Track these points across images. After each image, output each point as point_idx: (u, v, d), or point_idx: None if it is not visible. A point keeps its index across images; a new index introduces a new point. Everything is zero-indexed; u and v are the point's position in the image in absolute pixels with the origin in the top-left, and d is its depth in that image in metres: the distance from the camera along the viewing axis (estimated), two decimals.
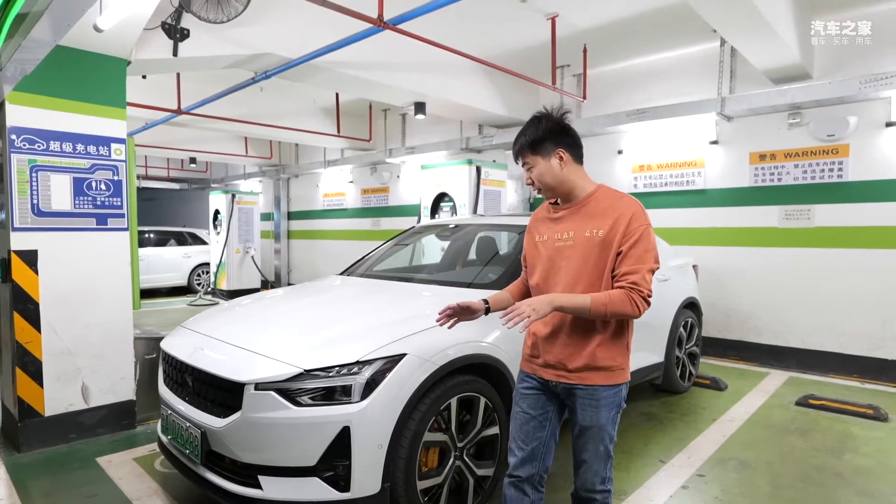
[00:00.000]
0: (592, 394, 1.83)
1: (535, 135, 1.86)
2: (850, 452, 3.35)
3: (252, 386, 2.19)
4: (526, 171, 1.91)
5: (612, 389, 1.84)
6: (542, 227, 1.98)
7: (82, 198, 3.51)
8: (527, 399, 1.96)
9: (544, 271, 1.91)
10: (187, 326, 2.93)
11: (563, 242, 1.87)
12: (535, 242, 1.98)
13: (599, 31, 5.49)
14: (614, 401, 1.85)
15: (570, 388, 1.86)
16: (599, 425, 1.83)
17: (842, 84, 4.75)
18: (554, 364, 1.88)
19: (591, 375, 1.83)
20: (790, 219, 5.40)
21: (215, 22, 3.80)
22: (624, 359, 1.87)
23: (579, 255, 1.81)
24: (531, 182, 1.91)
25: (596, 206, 1.84)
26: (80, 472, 3.12)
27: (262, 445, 2.19)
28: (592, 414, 1.83)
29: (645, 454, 3.33)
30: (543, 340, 1.90)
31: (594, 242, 1.79)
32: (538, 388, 1.95)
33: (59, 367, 3.44)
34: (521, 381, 2.01)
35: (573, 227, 1.86)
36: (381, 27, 3.67)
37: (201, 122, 7.32)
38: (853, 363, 5.11)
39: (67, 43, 3.35)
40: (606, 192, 1.87)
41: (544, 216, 2.00)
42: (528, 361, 1.99)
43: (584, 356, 1.82)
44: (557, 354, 1.86)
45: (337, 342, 2.36)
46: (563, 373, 1.86)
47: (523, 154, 1.90)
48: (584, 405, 1.84)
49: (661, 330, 4.23)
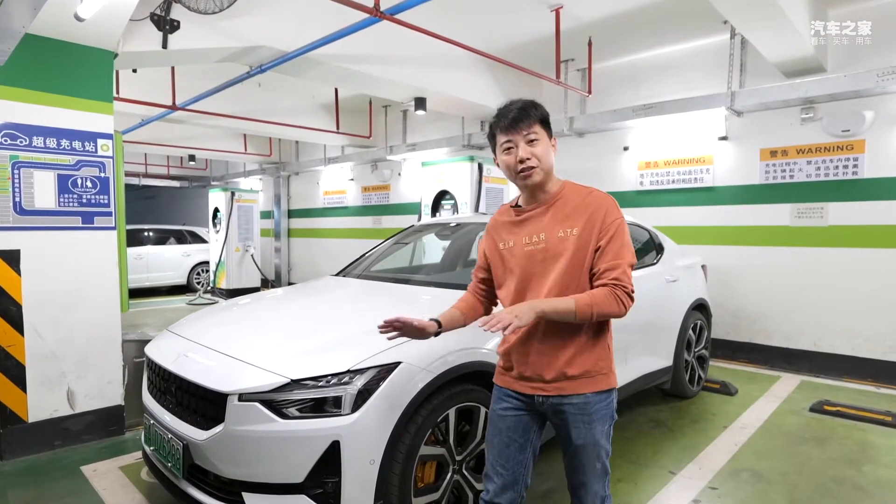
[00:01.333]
0: (583, 408, 1.68)
1: (543, 112, 1.71)
2: (870, 463, 3.19)
3: (235, 396, 2.05)
4: (525, 145, 1.66)
5: (602, 398, 1.70)
6: (505, 232, 1.79)
7: (67, 195, 3.38)
8: (506, 421, 1.78)
9: (519, 282, 1.73)
10: (173, 330, 2.79)
11: (534, 246, 1.70)
12: (500, 251, 1.79)
13: (605, 23, 5.32)
14: (607, 412, 1.72)
15: (557, 405, 1.70)
16: (594, 441, 1.70)
17: (858, 77, 4.57)
18: (530, 376, 1.72)
19: (571, 384, 1.68)
20: (802, 217, 5.22)
21: (206, 12, 3.66)
22: (608, 362, 1.73)
23: (557, 257, 1.66)
24: (525, 159, 1.65)
25: (565, 204, 1.71)
26: (64, 481, 2.98)
27: (247, 460, 2.05)
28: (586, 430, 1.69)
29: (653, 464, 3.18)
30: (516, 350, 1.74)
31: (569, 242, 1.65)
32: (519, 407, 1.77)
33: (44, 372, 3.31)
34: (498, 399, 1.81)
35: (543, 228, 1.70)
36: (377, 17, 3.52)
37: (199, 118, 7.18)
38: (867, 367, 4.94)
39: (50, 34, 3.22)
40: (574, 189, 1.74)
41: (506, 220, 1.81)
42: (502, 375, 1.82)
43: (561, 363, 1.67)
44: (533, 365, 1.71)
45: (327, 349, 2.22)
46: (539, 384, 1.71)
47: (532, 122, 1.66)
48: (575, 422, 1.69)
49: (670, 333, 4.07)
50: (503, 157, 1.72)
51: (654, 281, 3.97)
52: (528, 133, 1.67)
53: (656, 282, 3.98)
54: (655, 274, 4.01)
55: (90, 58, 3.41)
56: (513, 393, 1.78)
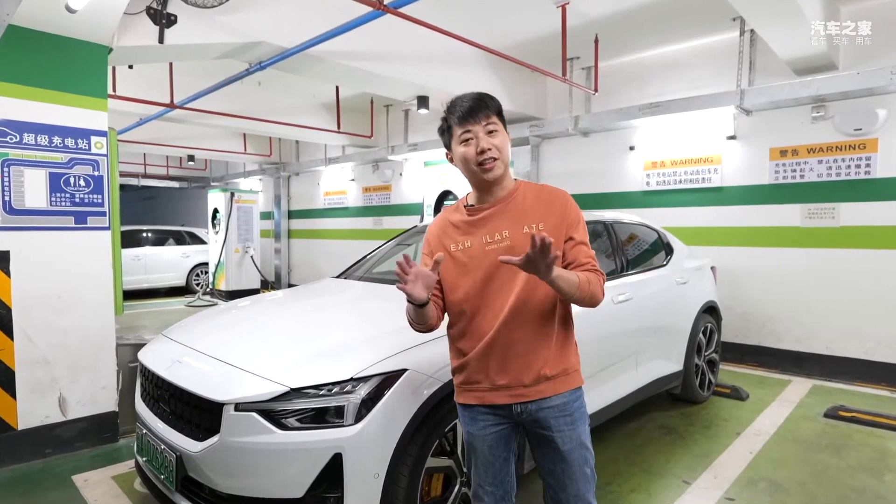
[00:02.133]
0: (564, 409, 1.62)
1: (500, 105, 1.65)
2: (892, 472, 3.08)
3: (232, 406, 1.94)
4: (485, 135, 1.58)
5: (578, 396, 1.67)
6: (457, 234, 1.67)
7: (59, 194, 3.27)
8: (486, 441, 1.67)
9: (479, 281, 1.61)
10: (168, 335, 2.68)
11: (497, 245, 1.60)
12: (452, 254, 1.67)
13: (612, 20, 5.21)
14: (584, 410, 1.69)
15: (536, 411, 1.61)
16: (580, 443, 1.65)
17: (871, 75, 4.46)
18: (507, 384, 1.61)
19: (551, 385, 1.61)
20: (813, 218, 5.11)
21: (203, 7, 3.56)
22: (576, 358, 1.71)
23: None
24: (486, 149, 1.57)
25: (524, 201, 1.65)
26: (54, 491, 2.87)
27: (243, 473, 1.94)
28: (571, 432, 1.63)
29: (666, 473, 3.06)
30: (486, 359, 1.62)
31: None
32: (497, 422, 1.66)
33: (34, 377, 3.20)
34: (471, 420, 1.69)
35: (504, 226, 1.61)
36: (381, 10, 3.41)
37: (198, 117, 7.06)
38: (880, 370, 4.82)
39: (42, 27, 3.11)
40: (530, 185, 1.70)
41: (458, 220, 1.69)
42: (471, 391, 1.67)
43: (539, 364, 1.60)
44: (510, 371, 1.60)
45: (329, 356, 2.11)
46: (519, 391, 1.60)
47: (491, 113, 1.60)
48: (559, 425, 1.61)
49: (680, 336, 3.96)
50: (461, 149, 1.61)
51: (664, 283, 3.86)
52: (488, 123, 1.59)
53: (666, 284, 3.87)
54: (665, 276, 3.91)
55: (84, 52, 3.30)
56: (487, 408, 1.66)
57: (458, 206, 1.74)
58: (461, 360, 1.69)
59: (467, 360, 1.66)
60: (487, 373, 1.63)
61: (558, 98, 6.83)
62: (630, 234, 3.96)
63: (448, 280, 1.69)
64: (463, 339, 1.67)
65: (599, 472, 3.02)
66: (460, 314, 1.67)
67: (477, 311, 1.62)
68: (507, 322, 1.58)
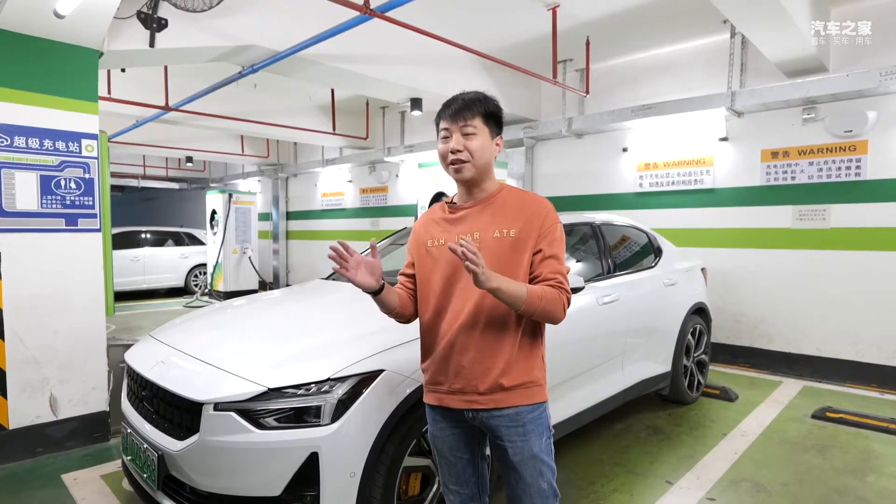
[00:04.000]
0: (515, 419, 1.58)
1: (490, 107, 1.63)
2: (874, 473, 3.09)
3: (211, 406, 1.97)
4: (458, 136, 1.58)
5: (533, 409, 1.61)
6: (435, 229, 1.70)
7: (50, 197, 3.30)
8: (445, 441, 1.70)
9: (444, 279, 1.63)
10: (155, 336, 2.71)
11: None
12: (427, 248, 1.70)
13: (603, 22, 5.23)
14: (542, 422, 1.63)
15: (488, 419, 1.60)
16: (533, 455, 1.59)
17: (860, 77, 4.48)
18: (462, 388, 1.60)
19: (508, 396, 1.58)
20: (804, 219, 5.13)
21: (194, 11, 3.59)
22: (541, 373, 1.65)
23: (491, 258, 1.54)
24: (456, 150, 1.58)
25: (504, 204, 1.64)
26: (42, 490, 2.90)
27: (222, 472, 1.97)
28: (522, 444, 1.59)
29: (650, 474, 3.08)
30: (444, 361, 1.62)
31: (505, 244, 1.58)
32: (454, 425, 1.68)
33: (25, 377, 3.24)
34: (432, 420, 1.72)
35: (478, 227, 1.62)
36: (367, 14, 3.44)
37: (195, 119, 7.11)
38: (871, 372, 4.83)
39: (32, 31, 3.15)
40: (513, 191, 1.70)
41: (439, 217, 1.73)
42: (433, 391, 1.69)
43: (495, 373, 1.57)
44: (465, 376, 1.59)
45: (308, 357, 2.13)
46: (473, 397, 1.59)
47: (472, 116, 1.58)
48: (510, 436, 1.59)
49: (668, 337, 3.98)
50: (439, 145, 1.65)
51: (652, 284, 3.88)
52: (466, 125, 1.59)
53: (654, 285, 3.90)
54: (653, 277, 3.93)
55: (74, 56, 3.34)
56: (444, 409, 1.67)
57: (444, 203, 1.77)
58: (426, 359, 1.71)
59: (431, 361, 1.68)
60: (447, 374, 1.63)
61: (552, 100, 6.86)
62: (619, 236, 3.99)
63: (420, 274, 1.73)
64: (428, 336, 1.69)
65: (584, 473, 3.07)
66: (426, 311, 1.69)
67: (441, 311, 1.64)
68: (465, 325, 1.58)
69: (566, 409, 2.97)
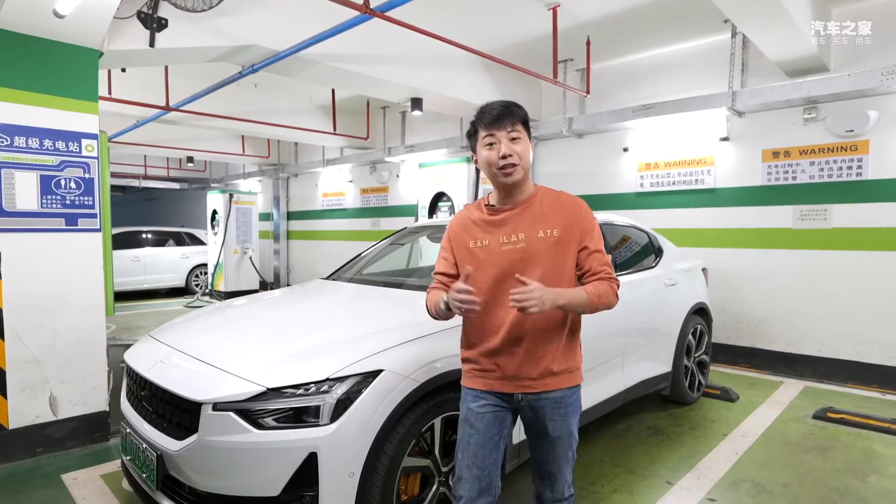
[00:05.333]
0: (560, 401, 1.76)
1: (525, 114, 1.75)
2: (875, 474, 3.09)
3: (209, 406, 1.97)
4: (507, 142, 1.69)
5: (574, 392, 1.80)
6: (477, 231, 1.79)
7: (50, 197, 3.30)
8: (483, 419, 1.78)
9: (493, 278, 1.73)
10: (154, 336, 2.72)
11: (513, 245, 1.71)
12: (470, 249, 1.78)
13: (603, 22, 5.22)
14: (578, 404, 1.83)
15: (535, 401, 1.75)
16: (569, 432, 1.80)
17: (862, 76, 4.46)
18: (515, 375, 1.74)
19: (555, 380, 1.75)
20: (805, 219, 5.12)
21: (194, 11, 3.59)
22: (580, 359, 1.84)
23: (537, 257, 1.70)
24: (507, 155, 1.67)
25: (541, 206, 1.76)
26: (42, 490, 2.90)
27: (221, 472, 1.96)
28: (562, 422, 1.77)
29: (650, 474, 3.07)
30: (498, 353, 1.75)
31: (549, 243, 1.71)
32: (497, 404, 1.78)
33: (25, 377, 3.24)
34: (473, 398, 1.80)
35: (522, 228, 1.73)
36: (368, 14, 3.44)
37: (195, 119, 7.11)
38: (872, 372, 4.82)
39: (32, 31, 3.15)
40: (549, 192, 1.81)
41: (478, 218, 1.81)
42: (481, 377, 1.80)
43: (546, 361, 1.73)
44: (519, 365, 1.73)
45: (307, 357, 2.13)
46: (527, 382, 1.74)
47: (515, 121, 1.70)
48: (553, 415, 1.76)
49: (669, 338, 3.98)
50: (484, 153, 1.73)
51: (653, 284, 3.87)
52: (512, 130, 1.70)
53: (655, 285, 3.89)
54: (654, 277, 3.92)
55: (74, 56, 3.34)
56: (492, 392, 1.78)
57: (480, 204, 1.84)
58: (472, 350, 1.80)
59: (479, 352, 1.77)
60: (499, 364, 1.75)
61: (553, 100, 6.85)
62: (620, 236, 3.98)
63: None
64: (475, 331, 1.80)
65: (584, 473, 3.07)
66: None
67: (490, 307, 1.72)
68: (518, 320, 1.69)
69: None
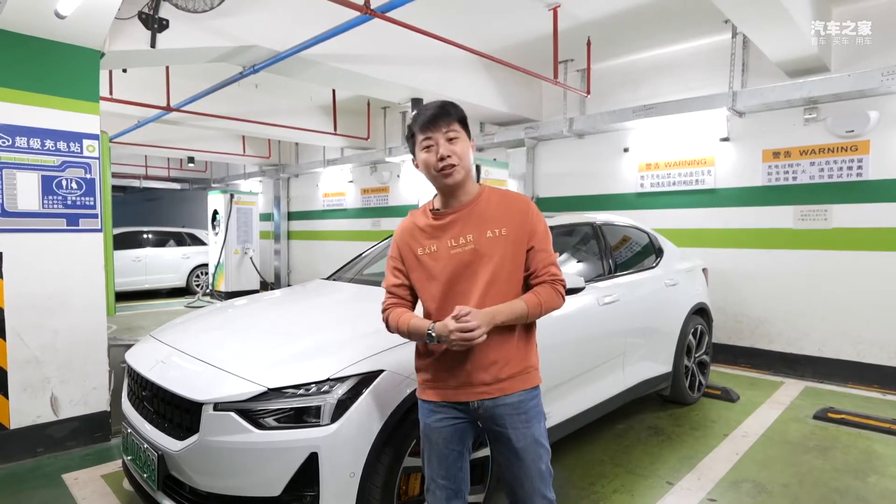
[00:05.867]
0: (518, 406, 1.68)
1: (461, 112, 1.70)
2: (876, 474, 3.09)
3: (210, 406, 1.97)
4: (445, 143, 1.63)
5: (533, 395, 1.72)
6: (424, 237, 1.73)
7: (52, 197, 3.31)
8: (442, 433, 1.73)
9: (444, 284, 1.67)
10: (155, 336, 2.72)
11: (462, 248, 1.66)
12: (419, 257, 1.73)
13: (604, 22, 5.23)
14: (539, 409, 1.74)
15: (492, 408, 1.67)
16: (535, 440, 1.70)
17: (862, 77, 4.46)
18: (468, 381, 1.67)
19: (511, 383, 1.68)
20: (806, 220, 5.12)
21: (195, 11, 3.59)
22: (536, 359, 1.78)
23: (487, 258, 1.65)
24: (446, 156, 1.63)
25: (488, 205, 1.71)
26: (43, 490, 2.91)
27: (222, 472, 1.97)
28: (525, 430, 1.68)
29: (651, 474, 3.08)
30: (448, 360, 1.68)
31: (499, 243, 1.66)
32: (456, 416, 1.72)
33: (26, 377, 3.24)
34: (430, 412, 1.75)
35: (470, 230, 1.67)
36: (368, 15, 3.44)
37: (196, 119, 7.12)
38: (872, 373, 4.82)
39: (33, 32, 3.15)
40: (494, 191, 1.76)
41: (424, 224, 1.74)
42: (434, 388, 1.74)
43: (499, 365, 1.67)
44: (471, 370, 1.66)
45: (308, 357, 2.13)
46: (480, 388, 1.67)
47: (451, 121, 1.65)
48: (514, 423, 1.67)
49: (669, 338, 3.98)
50: (423, 155, 1.68)
51: (653, 285, 3.88)
52: (448, 131, 1.65)
53: (655, 286, 3.89)
54: (654, 278, 3.92)
55: (75, 57, 3.34)
56: (448, 403, 1.72)
57: (425, 209, 1.79)
58: (426, 359, 1.75)
59: (432, 361, 1.71)
60: (452, 372, 1.69)
61: (553, 100, 6.86)
62: (620, 237, 3.98)
63: (417, 282, 1.75)
64: None
65: (585, 473, 3.07)
66: (426, 316, 1.73)
67: (441, 313, 1.66)
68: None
69: (567, 410, 2.96)
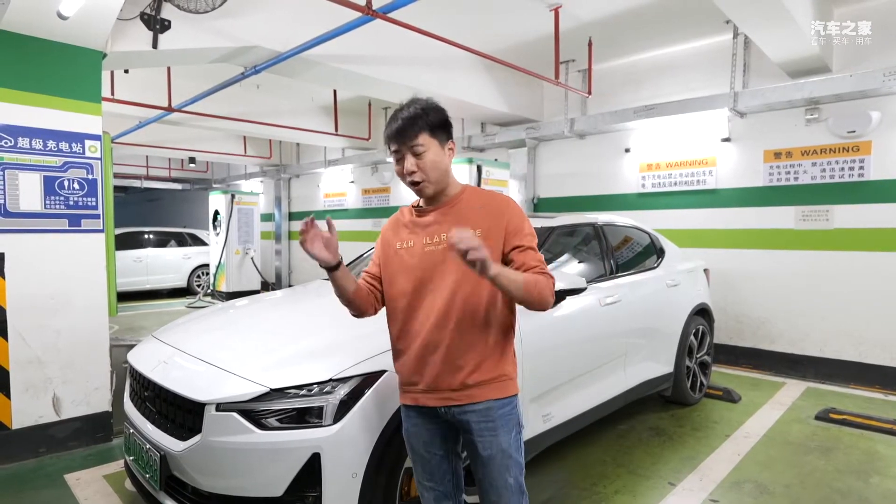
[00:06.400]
0: (486, 414, 1.62)
1: (432, 119, 1.62)
2: (878, 475, 3.08)
3: (213, 406, 1.97)
4: (410, 157, 1.59)
5: (504, 404, 1.64)
6: (404, 232, 1.73)
7: (54, 197, 3.31)
8: (420, 438, 1.72)
9: (415, 280, 1.65)
10: (157, 336, 2.72)
11: (435, 247, 1.64)
12: (396, 251, 1.73)
13: (605, 23, 5.23)
14: (511, 419, 1.66)
15: (460, 414, 1.63)
16: (502, 451, 1.62)
17: (864, 77, 4.46)
18: (436, 387, 1.64)
19: (481, 391, 1.62)
20: (807, 220, 5.11)
21: (197, 12, 3.60)
22: (512, 368, 1.70)
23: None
24: (411, 171, 1.59)
25: (467, 205, 1.68)
26: (45, 490, 2.91)
27: (224, 472, 1.97)
28: (491, 439, 1.62)
29: (653, 475, 3.07)
30: (418, 361, 1.65)
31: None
32: (428, 422, 1.70)
33: (28, 377, 3.25)
34: (406, 417, 1.75)
35: (445, 229, 1.63)
36: (370, 15, 3.45)
37: (197, 120, 7.13)
38: (874, 373, 4.81)
39: (35, 33, 3.16)
40: (476, 191, 1.74)
41: (408, 220, 1.75)
42: (406, 392, 1.73)
43: (468, 369, 1.61)
44: (437, 374, 1.62)
45: (310, 357, 2.14)
46: (447, 394, 1.63)
47: (418, 133, 1.58)
48: (480, 431, 1.62)
49: (671, 338, 3.98)
50: (395, 165, 1.67)
51: (655, 285, 3.88)
52: (414, 145, 1.59)
53: (657, 286, 3.89)
54: (656, 278, 3.92)
55: (77, 57, 3.35)
56: (417, 406, 1.70)
57: (412, 206, 1.79)
58: (399, 360, 1.74)
59: (404, 362, 1.71)
60: (422, 374, 1.66)
61: (554, 100, 6.86)
62: (622, 237, 3.98)
63: (387, 273, 1.75)
64: (400, 339, 1.72)
65: (586, 474, 3.07)
66: (396, 312, 1.71)
67: (412, 312, 1.66)
68: (437, 324, 1.61)
69: (568, 410, 2.96)
